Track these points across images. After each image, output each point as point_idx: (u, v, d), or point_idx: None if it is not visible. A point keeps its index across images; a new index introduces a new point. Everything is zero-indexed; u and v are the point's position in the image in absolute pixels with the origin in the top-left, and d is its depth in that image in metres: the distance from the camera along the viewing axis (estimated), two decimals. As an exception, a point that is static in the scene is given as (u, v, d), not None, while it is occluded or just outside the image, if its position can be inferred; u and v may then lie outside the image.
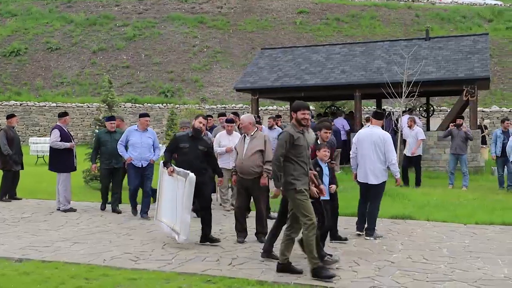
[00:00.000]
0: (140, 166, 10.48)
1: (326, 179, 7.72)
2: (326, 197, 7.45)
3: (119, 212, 10.97)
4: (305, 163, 6.74)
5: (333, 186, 7.93)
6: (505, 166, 14.27)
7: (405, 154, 15.09)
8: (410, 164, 14.88)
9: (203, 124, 8.64)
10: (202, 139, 8.54)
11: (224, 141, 11.01)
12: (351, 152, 9.12)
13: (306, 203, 6.59)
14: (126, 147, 10.62)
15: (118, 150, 10.60)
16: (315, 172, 7.17)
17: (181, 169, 8.11)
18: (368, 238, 8.65)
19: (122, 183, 11.77)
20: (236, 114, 12.85)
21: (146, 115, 10.77)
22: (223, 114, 12.92)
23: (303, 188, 6.61)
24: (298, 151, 6.67)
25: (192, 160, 8.31)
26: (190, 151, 8.38)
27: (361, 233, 8.84)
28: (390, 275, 6.64)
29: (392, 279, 6.48)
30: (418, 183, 14.65)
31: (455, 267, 7.02)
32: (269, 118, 14.11)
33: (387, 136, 8.65)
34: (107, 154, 11.11)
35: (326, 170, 7.72)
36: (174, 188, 8.17)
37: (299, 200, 6.57)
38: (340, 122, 19.55)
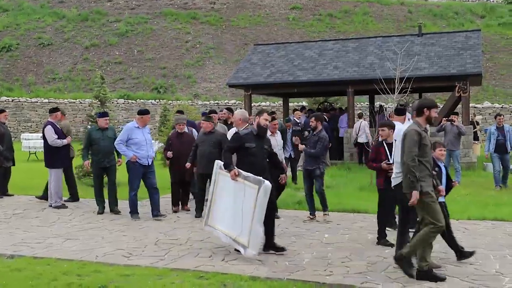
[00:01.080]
0: (147, 164, 10.01)
1: (445, 179, 7.40)
2: (442, 198, 7.09)
3: (118, 213, 10.44)
4: (430, 163, 6.39)
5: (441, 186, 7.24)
6: (501, 163, 13.74)
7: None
8: None
9: (269, 122, 7.94)
10: (266, 138, 7.86)
11: None
12: None
13: (434, 206, 6.25)
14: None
15: (119, 150, 10.05)
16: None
17: (250, 174, 7.19)
18: None
19: (115, 182, 10.96)
20: (230, 110, 12.71)
21: (148, 112, 10.28)
22: (230, 109, 12.57)
23: (429, 190, 6.27)
24: (424, 150, 6.30)
25: (260, 161, 7.52)
26: (257, 152, 7.52)
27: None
28: (382, 270, 6.66)
29: (384, 275, 6.49)
30: None
31: (447, 262, 7.05)
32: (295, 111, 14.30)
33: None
34: (99, 153, 10.46)
35: (444, 170, 7.41)
36: (238, 195, 7.23)
37: (426, 202, 6.23)
38: (345, 118, 19.38)
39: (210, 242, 8.12)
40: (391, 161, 7.90)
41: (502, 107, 28.89)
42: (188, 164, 10.27)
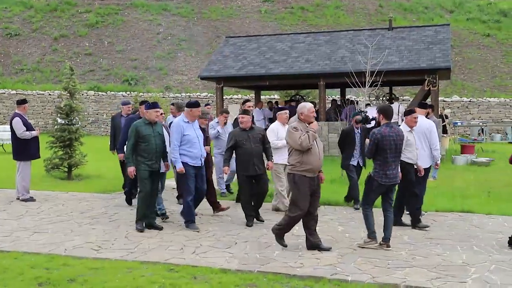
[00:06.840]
0: (200, 164, 8.68)
1: None
2: None
3: (161, 229, 8.55)
4: None
5: None
6: None
7: None
8: None
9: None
10: None
11: (282, 132, 9.53)
12: None
13: None
14: None
15: (173, 156, 8.53)
16: None
17: None
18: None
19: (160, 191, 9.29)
20: (226, 112, 11.95)
21: (198, 104, 8.75)
22: (247, 101, 12.09)
23: None
24: None
25: None
26: None
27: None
28: (352, 262, 6.72)
29: (354, 266, 6.55)
30: None
31: (415, 253, 7.15)
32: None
33: (432, 124, 9.44)
34: (150, 153, 8.49)
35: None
36: None
37: None
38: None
39: (181, 235, 8.10)
40: None
41: (470, 101, 29.35)
42: (226, 168, 9.19)
